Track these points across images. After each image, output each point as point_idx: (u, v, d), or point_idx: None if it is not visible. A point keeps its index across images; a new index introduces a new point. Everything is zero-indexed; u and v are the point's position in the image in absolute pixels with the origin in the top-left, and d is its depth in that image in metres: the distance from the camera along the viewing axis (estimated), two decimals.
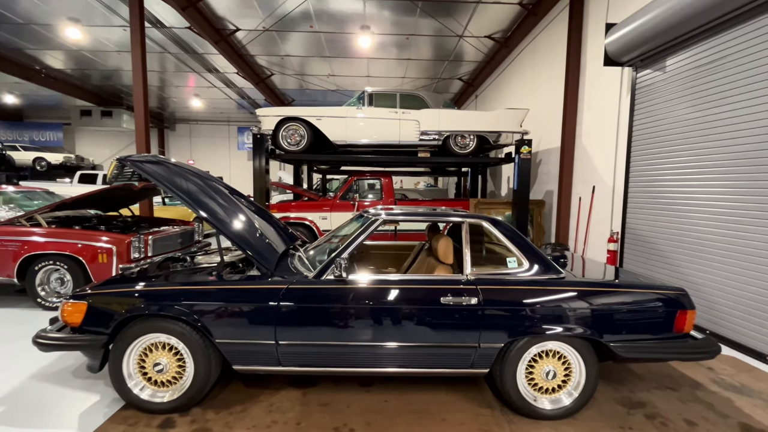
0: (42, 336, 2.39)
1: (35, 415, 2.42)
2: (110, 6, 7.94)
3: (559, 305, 2.39)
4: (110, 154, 19.03)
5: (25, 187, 6.05)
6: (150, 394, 2.43)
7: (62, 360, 3.14)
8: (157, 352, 2.41)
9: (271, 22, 8.45)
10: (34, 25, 8.94)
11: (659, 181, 4.61)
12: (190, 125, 19.79)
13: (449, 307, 2.38)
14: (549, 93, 7.43)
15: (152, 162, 2.72)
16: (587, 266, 3.10)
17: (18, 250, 4.20)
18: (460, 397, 2.68)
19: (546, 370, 2.44)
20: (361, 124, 6.73)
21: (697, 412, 2.57)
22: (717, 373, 3.15)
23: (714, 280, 3.91)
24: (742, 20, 3.58)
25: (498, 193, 10.53)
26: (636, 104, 5.01)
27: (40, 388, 2.72)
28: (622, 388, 2.85)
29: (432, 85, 12.88)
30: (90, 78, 13.04)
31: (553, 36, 7.23)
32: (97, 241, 4.22)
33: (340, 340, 2.40)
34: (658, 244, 4.63)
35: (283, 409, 2.49)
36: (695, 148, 4.12)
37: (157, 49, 10.11)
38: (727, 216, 3.76)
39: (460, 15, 8.04)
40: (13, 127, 18.18)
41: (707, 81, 3.97)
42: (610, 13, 5.50)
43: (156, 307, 2.34)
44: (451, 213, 2.86)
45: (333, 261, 2.47)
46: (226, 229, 2.58)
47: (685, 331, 2.45)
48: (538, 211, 6.95)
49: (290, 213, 6.93)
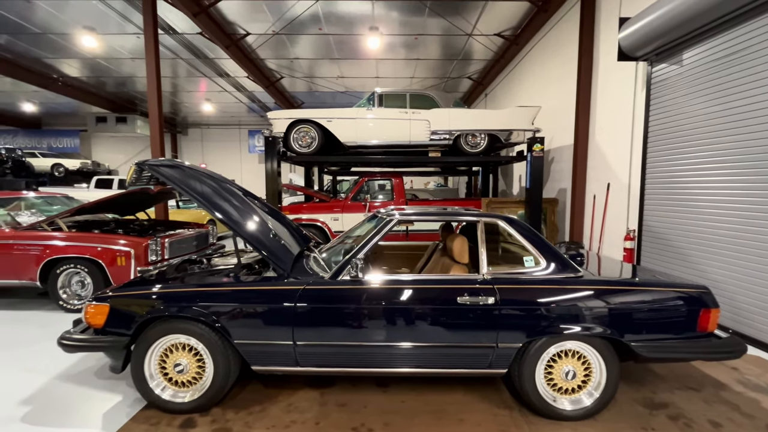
0: (66, 337, 2.45)
1: (61, 414, 2.48)
2: (124, 14, 8.11)
3: (578, 304, 2.36)
4: (125, 159, 19.43)
5: (45, 193, 6.21)
6: (171, 394, 2.47)
7: (85, 361, 3.21)
8: (177, 352, 2.45)
9: (281, 25, 8.53)
10: (51, 35, 9.17)
11: (677, 177, 4.51)
12: (202, 129, 20.09)
13: (466, 307, 2.37)
14: (561, 90, 7.34)
15: (168, 166, 2.76)
16: (604, 264, 3.06)
17: (40, 254, 4.31)
18: (478, 397, 2.66)
19: (565, 371, 2.40)
20: (372, 124, 6.74)
21: (722, 413, 2.51)
22: (742, 373, 3.06)
23: (736, 277, 3.81)
24: (760, 12, 3.49)
25: (509, 192, 10.43)
26: (651, 99, 4.91)
27: (64, 389, 2.78)
28: (643, 389, 2.79)
29: (441, 85, 12.83)
30: (105, 85, 13.34)
31: (564, 32, 7.14)
32: (115, 244, 4.30)
33: (358, 341, 2.41)
34: (676, 242, 4.54)
35: (302, 409, 2.51)
36: (714, 142, 4.02)
37: (169, 55, 10.28)
38: (746, 212, 3.66)
39: (469, 13, 8.00)
40: (32, 135, 18.72)
41: (726, 74, 3.88)
42: (623, 8, 5.41)
43: (175, 309, 2.38)
44: (466, 212, 2.85)
45: (349, 262, 2.48)
46: (241, 230, 2.61)
47: (709, 330, 2.40)
48: (551, 209, 6.87)
49: (302, 214, 6.98)
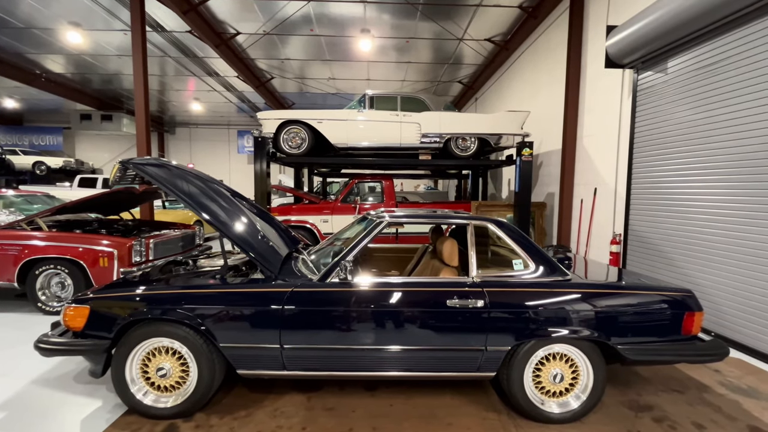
0: (44, 341, 2.37)
1: (37, 420, 2.39)
2: (111, 10, 7.96)
3: (566, 307, 2.37)
4: (110, 158, 19.03)
5: (26, 191, 6.03)
6: (153, 399, 2.40)
7: (63, 365, 3.11)
8: (160, 356, 2.39)
9: (272, 25, 8.47)
10: (35, 29, 8.94)
11: (662, 182, 4.60)
12: (190, 129, 19.81)
13: (455, 310, 2.36)
14: (550, 95, 7.44)
15: (154, 165, 2.70)
16: (591, 268, 3.09)
17: (18, 254, 4.17)
18: (467, 401, 2.65)
19: (553, 373, 2.41)
20: (362, 126, 6.73)
21: (706, 415, 2.55)
22: (724, 375, 3.12)
23: (718, 281, 3.90)
24: (744, 22, 3.59)
25: (498, 195, 10.52)
26: (638, 106, 5.01)
27: (41, 394, 2.69)
28: (629, 391, 2.82)
29: (432, 88, 12.90)
30: (90, 82, 13.05)
31: (553, 38, 7.25)
32: (98, 244, 4.19)
33: (346, 344, 2.38)
34: (661, 246, 4.62)
35: (288, 414, 2.46)
36: (698, 149, 4.11)
37: (157, 53, 10.12)
38: (730, 217, 3.75)
39: (460, 18, 8.06)
40: (13, 131, 18.19)
41: (710, 83, 3.97)
42: (610, 16, 5.51)
43: (159, 311, 2.32)
44: (456, 215, 2.85)
45: (337, 264, 2.45)
46: (229, 231, 2.57)
47: (692, 333, 2.44)
48: (539, 213, 6.94)
49: (291, 216, 6.91)
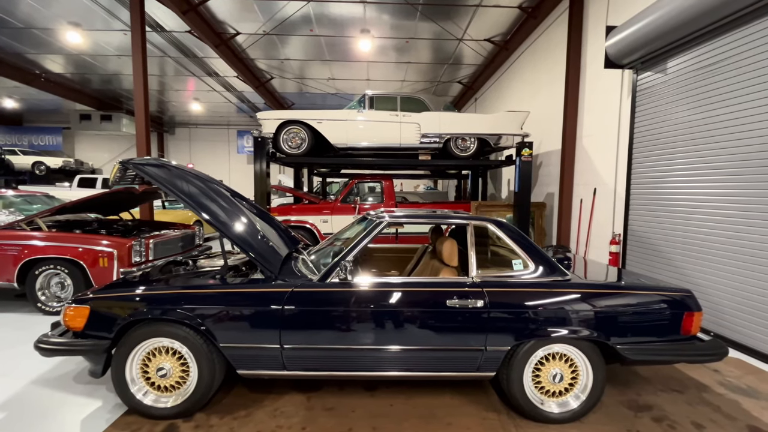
0: (44, 341, 2.37)
1: (37, 421, 2.39)
2: (111, 10, 7.96)
3: (566, 307, 2.37)
4: (110, 158, 19.02)
5: (25, 191, 6.03)
6: (153, 399, 2.40)
7: (63, 365, 3.11)
8: (160, 356, 2.39)
9: (272, 26, 8.47)
10: (35, 29, 8.94)
11: (662, 182, 4.61)
12: (190, 129, 19.80)
13: (455, 310, 2.37)
14: (549, 95, 7.45)
15: (154, 165, 2.70)
16: (590, 268, 3.09)
17: (18, 254, 4.17)
18: (466, 401, 2.66)
19: (553, 373, 2.42)
20: (362, 127, 6.73)
21: (705, 414, 2.55)
22: (723, 375, 3.13)
23: (717, 281, 3.90)
24: (744, 22, 3.59)
25: (498, 195, 10.52)
26: (637, 106, 5.01)
27: (41, 394, 2.69)
28: (628, 391, 2.83)
29: (431, 88, 12.90)
30: (90, 82, 13.05)
31: (553, 39, 7.25)
32: (97, 245, 4.19)
33: (346, 344, 2.38)
34: (660, 246, 4.63)
35: (288, 414, 2.46)
36: (697, 149, 4.12)
37: (157, 53, 10.11)
38: (729, 217, 3.76)
39: (460, 18, 8.07)
40: (13, 132, 18.17)
41: (709, 83, 3.98)
42: (610, 16, 5.52)
43: (159, 311, 2.32)
44: (456, 215, 2.85)
45: (337, 264, 2.46)
46: (229, 231, 2.57)
47: (692, 333, 2.44)
48: (539, 213, 6.95)
49: (291, 216, 6.91)
